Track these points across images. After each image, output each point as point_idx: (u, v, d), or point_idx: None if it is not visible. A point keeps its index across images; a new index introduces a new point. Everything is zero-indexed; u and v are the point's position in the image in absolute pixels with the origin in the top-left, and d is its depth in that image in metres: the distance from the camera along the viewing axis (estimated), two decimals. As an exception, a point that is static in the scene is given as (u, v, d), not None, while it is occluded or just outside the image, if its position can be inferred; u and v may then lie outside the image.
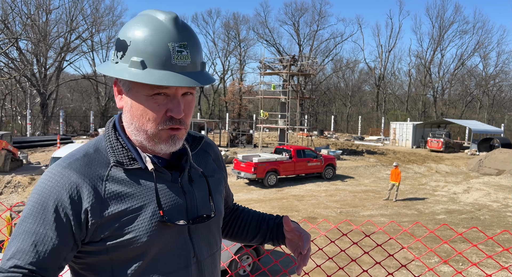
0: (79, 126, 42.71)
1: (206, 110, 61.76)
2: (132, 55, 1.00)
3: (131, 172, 1.08)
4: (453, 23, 60.59)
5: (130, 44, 1.01)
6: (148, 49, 0.99)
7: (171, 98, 1.04)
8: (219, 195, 1.27)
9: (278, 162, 19.15)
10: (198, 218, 1.14)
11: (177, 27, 1.01)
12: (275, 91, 31.10)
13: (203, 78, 1.04)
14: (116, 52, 1.05)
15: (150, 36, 0.99)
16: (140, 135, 1.08)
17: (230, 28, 61.94)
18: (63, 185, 1.01)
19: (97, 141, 1.14)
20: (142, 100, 1.04)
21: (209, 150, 1.32)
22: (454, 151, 33.86)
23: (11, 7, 35.30)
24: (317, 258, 8.39)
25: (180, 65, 1.00)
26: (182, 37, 1.01)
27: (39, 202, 1.01)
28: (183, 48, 1.00)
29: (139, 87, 1.04)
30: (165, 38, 0.99)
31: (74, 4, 42.72)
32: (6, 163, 18.12)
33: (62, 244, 1.01)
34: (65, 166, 1.04)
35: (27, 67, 35.21)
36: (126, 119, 1.10)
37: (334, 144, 35.15)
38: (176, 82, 0.99)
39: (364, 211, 14.56)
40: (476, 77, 60.99)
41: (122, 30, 1.05)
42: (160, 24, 1.00)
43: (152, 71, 0.99)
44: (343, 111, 63.10)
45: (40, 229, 1.00)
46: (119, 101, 1.11)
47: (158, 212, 1.06)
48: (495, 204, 16.35)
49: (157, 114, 1.04)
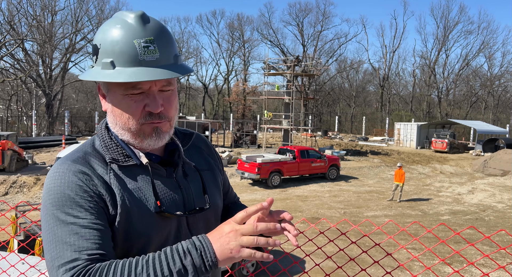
0: (84, 127, 42.93)
1: (210, 110, 61.84)
2: (103, 57, 1.03)
3: (127, 169, 1.11)
4: (458, 23, 60.39)
5: (100, 47, 1.04)
6: (116, 49, 1.02)
7: (146, 94, 1.06)
8: (215, 188, 1.29)
9: (282, 162, 19.16)
10: (194, 210, 1.18)
11: (142, 24, 1.03)
12: (279, 92, 31.11)
13: (175, 71, 1.04)
14: (92, 57, 1.09)
15: (117, 36, 1.02)
16: (126, 134, 1.11)
17: (234, 29, 62.04)
18: (76, 177, 1.03)
19: (92, 141, 1.17)
20: (120, 99, 1.07)
21: (201, 145, 1.35)
22: (458, 152, 33.71)
23: (17, 8, 35.55)
24: (316, 258, 8.41)
25: (148, 60, 1.02)
26: (148, 33, 1.03)
27: (60, 198, 1.01)
28: (150, 43, 1.02)
29: (115, 88, 1.07)
30: (130, 36, 1.02)
31: (79, 5, 42.98)
32: (11, 163, 18.23)
33: (105, 223, 1.03)
34: (71, 163, 1.07)
35: (32, 68, 35.41)
36: (110, 120, 1.13)
37: (338, 144, 35.10)
38: (144, 77, 1.00)
39: (368, 211, 14.54)
40: (481, 77, 60.68)
41: (95, 35, 1.08)
42: (125, 24, 1.03)
43: (122, 69, 1.02)
44: (347, 111, 62.96)
45: (79, 219, 0.99)
46: (104, 104, 1.14)
47: (156, 204, 1.10)
48: (500, 205, 16.27)
49: (136, 110, 1.07)
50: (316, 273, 7.06)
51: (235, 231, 0.98)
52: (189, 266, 0.94)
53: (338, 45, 63.15)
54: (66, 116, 35.82)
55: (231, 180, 19.70)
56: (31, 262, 2.61)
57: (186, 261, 0.94)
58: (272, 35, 61.97)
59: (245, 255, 0.96)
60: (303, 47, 61.59)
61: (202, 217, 1.21)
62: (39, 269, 2.60)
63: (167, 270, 0.93)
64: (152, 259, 0.95)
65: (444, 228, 12.12)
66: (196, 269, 0.94)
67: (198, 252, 0.95)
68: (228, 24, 64.07)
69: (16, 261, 2.47)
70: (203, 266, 0.95)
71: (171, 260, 0.95)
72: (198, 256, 0.95)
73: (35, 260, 2.77)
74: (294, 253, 8.95)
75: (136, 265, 0.94)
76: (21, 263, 2.62)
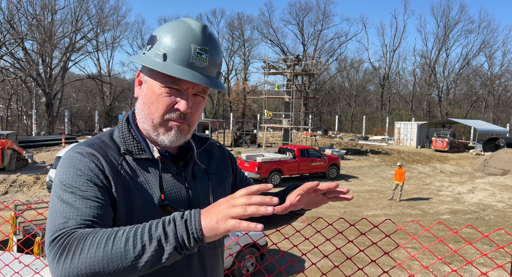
0: (84, 126, 42.93)
1: (211, 110, 61.85)
2: (158, 48, 1.11)
3: (139, 161, 1.16)
4: (458, 22, 60.36)
5: (159, 39, 1.12)
6: (172, 46, 1.10)
7: (181, 93, 1.13)
8: (222, 191, 1.32)
9: (282, 161, 19.15)
10: None
11: (203, 34, 1.12)
12: (279, 91, 31.09)
13: (215, 83, 1.13)
14: (146, 45, 1.16)
15: (177, 35, 1.11)
16: (147, 122, 1.17)
17: (235, 28, 62.05)
18: (88, 159, 1.08)
19: (111, 132, 1.23)
20: (156, 89, 1.13)
21: (214, 150, 1.39)
22: (459, 151, 33.69)
23: (16, 7, 35.52)
24: (316, 257, 8.39)
25: (197, 65, 1.10)
26: (205, 43, 1.12)
27: (66, 174, 1.05)
28: (203, 52, 1.11)
29: (156, 78, 1.13)
30: (190, 40, 1.10)
31: (79, 4, 42.98)
32: (11, 162, 18.23)
33: (105, 199, 1.04)
34: (84, 147, 1.12)
35: (32, 67, 35.40)
36: (139, 106, 1.19)
37: (338, 144, 35.08)
38: (190, 77, 1.08)
39: (368, 211, 14.53)
40: (481, 76, 60.64)
41: (157, 29, 1.17)
42: (189, 28, 1.12)
43: (171, 64, 1.09)
44: (348, 111, 62.95)
45: (76, 191, 1.02)
46: (137, 90, 1.21)
47: (160, 197, 1.13)
48: (500, 204, 16.26)
49: (166, 104, 1.13)
50: (315, 273, 7.05)
51: (227, 202, 0.91)
52: (170, 233, 0.88)
53: (338, 44, 63.27)
54: (66, 115, 35.81)
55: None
56: (26, 261, 2.59)
57: (169, 227, 0.88)
58: (272, 34, 62.05)
59: (230, 226, 0.87)
60: (303, 46, 61.61)
61: None
62: (35, 268, 2.58)
63: (147, 235, 0.88)
64: (138, 226, 0.91)
65: (444, 227, 12.11)
66: (178, 238, 0.88)
67: (183, 220, 0.89)
68: (228, 23, 64.30)
69: (11, 260, 2.46)
70: (186, 235, 0.88)
71: (154, 226, 0.89)
72: (182, 223, 0.89)
73: (31, 259, 2.76)
74: (291, 252, 8.94)
75: (120, 229, 0.91)
76: (17, 263, 2.60)
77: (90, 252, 0.87)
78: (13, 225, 6.36)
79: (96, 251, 0.87)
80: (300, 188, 1.13)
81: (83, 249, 0.88)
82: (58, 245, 0.91)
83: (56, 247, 0.91)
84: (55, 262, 0.90)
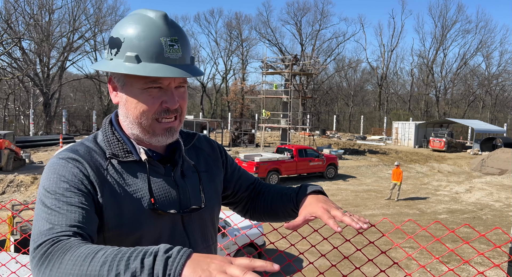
0: (81, 126, 42.84)
1: (209, 109, 61.81)
2: (127, 50, 1.05)
3: (126, 164, 1.13)
4: (456, 22, 60.56)
5: (124, 41, 1.06)
6: (142, 44, 1.05)
7: (164, 90, 1.09)
8: (213, 189, 1.30)
9: (280, 161, 19.16)
10: (189, 209, 1.19)
11: (167, 23, 1.07)
12: (277, 91, 31.11)
13: (193, 71, 1.09)
14: (110, 49, 1.10)
15: (142, 32, 1.05)
16: (135, 128, 1.13)
17: (232, 28, 62.00)
18: (72, 164, 1.06)
19: (95, 136, 1.19)
20: (137, 93, 1.09)
21: (203, 146, 1.35)
22: (456, 151, 33.76)
23: (14, 7, 35.43)
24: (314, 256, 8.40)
25: (172, 58, 1.06)
26: (173, 32, 1.07)
27: (50, 181, 1.03)
28: (174, 42, 1.06)
29: (133, 81, 1.08)
30: (157, 34, 1.05)
31: (77, 4, 42.88)
32: (9, 162, 18.18)
33: (89, 204, 1.02)
34: (68, 152, 1.10)
35: (30, 66, 35.30)
36: (122, 113, 1.14)
37: (336, 143, 35.11)
38: (170, 73, 1.04)
39: (366, 210, 14.55)
40: (479, 76, 60.79)
41: (114, 28, 1.10)
42: (151, 21, 1.06)
43: (147, 64, 1.04)
44: (345, 110, 63.02)
45: (60, 197, 1.00)
46: (114, 97, 1.16)
47: (150, 201, 1.10)
48: (497, 203, 16.30)
49: (152, 106, 1.09)
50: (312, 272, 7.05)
51: (222, 264, 0.78)
52: (146, 267, 0.78)
53: (336, 44, 63.28)
54: (64, 115, 35.71)
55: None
56: (23, 261, 2.59)
57: (148, 259, 0.79)
58: (270, 34, 62.02)
59: None
60: (301, 46, 61.63)
61: (197, 216, 1.21)
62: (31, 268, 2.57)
63: (124, 265, 0.79)
64: (119, 250, 0.83)
65: (442, 227, 12.13)
66: (153, 274, 0.77)
67: (165, 255, 0.79)
68: (226, 23, 64.26)
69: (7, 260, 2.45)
70: (162, 274, 0.77)
71: (135, 255, 0.80)
72: (162, 260, 0.78)
73: (28, 259, 2.75)
74: (289, 251, 8.94)
75: (102, 249, 0.84)
76: (14, 262, 2.59)
77: (67, 267, 0.84)
78: (10, 225, 6.35)
79: (72, 268, 0.84)
80: (319, 213, 1.13)
81: (61, 263, 0.86)
82: (41, 253, 0.89)
83: (39, 255, 0.89)
84: (36, 270, 0.89)
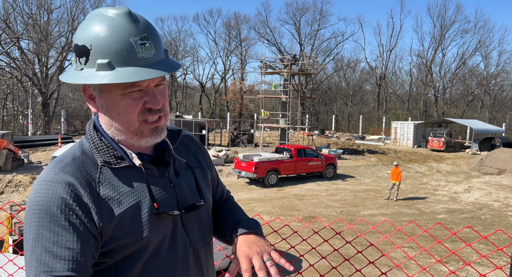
0: (80, 126, 42.76)
1: (207, 109, 61.77)
2: (97, 58, 0.98)
3: (119, 171, 1.08)
4: (455, 22, 60.53)
5: (91, 48, 0.99)
6: (112, 49, 0.97)
7: (145, 91, 1.04)
8: (205, 185, 1.28)
9: (279, 161, 19.15)
10: (188, 207, 1.17)
11: (133, 21, 0.99)
12: (276, 91, 31.10)
13: (170, 66, 1.04)
14: (77, 59, 1.02)
15: (110, 36, 0.97)
16: (123, 134, 1.08)
17: (231, 28, 61.97)
18: (61, 189, 0.99)
19: (81, 144, 1.12)
20: (117, 99, 1.03)
21: (189, 142, 1.33)
22: (455, 151, 33.80)
23: (12, 6, 35.38)
24: (314, 257, 8.39)
25: (146, 57, 0.99)
26: (141, 30, 0.99)
27: (43, 212, 0.97)
28: (145, 40, 0.99)
29: (111, 88, 1.02)
30: (126, 34, 0.98)
31: (75, 3, 42.80)
32: (7, 162, 18.14)
33: (85, 244, 0.99)
34: (58, 171, 1.02)
35: (28, 66, 35.24)
36: (105, 121, 1.08)
37: (335, 143, 35.12)
38: (148, 75, 0.98)
39: (365, 210, 14.55)
40: (477, 76, 60.87)
41: (77, 34, 1.02)
42: (116, 22, 0.98)
43: (121, 69, 0.97)
44: (344, 110, 63.04)
45: (57, 238, 0.96)
46: (93, 106, 1.09)
47: (153, 206, 1.07)
48: (496, 203, 16.32)
49: (135, 108, 1.04)
50: (313, 273, 7.04)
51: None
52: None
53: (335, 44, 63.30)
54: (63, 115, 35.65)
55: (228, 179, 19.68)
56: (21, 263, 2.56)
57: None
58: (269, 34, 62.00)
59: None
60: (300, 46, 61.63)
61: (195, 214, 1.20)
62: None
63: None
64: None
65: (441, 227, 12.13)
66: None
67: None
68: (225, 22, 64.19)
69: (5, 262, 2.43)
70: None
71: None
72: None
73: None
74: (289, 252, 8.93)
75: None
76: (11, 264, 2.57)
77: None
78: (7, 227, 6.32)
79: None
80: (241, 260, 1.21)
81: None
82: None
83: None
84: None
